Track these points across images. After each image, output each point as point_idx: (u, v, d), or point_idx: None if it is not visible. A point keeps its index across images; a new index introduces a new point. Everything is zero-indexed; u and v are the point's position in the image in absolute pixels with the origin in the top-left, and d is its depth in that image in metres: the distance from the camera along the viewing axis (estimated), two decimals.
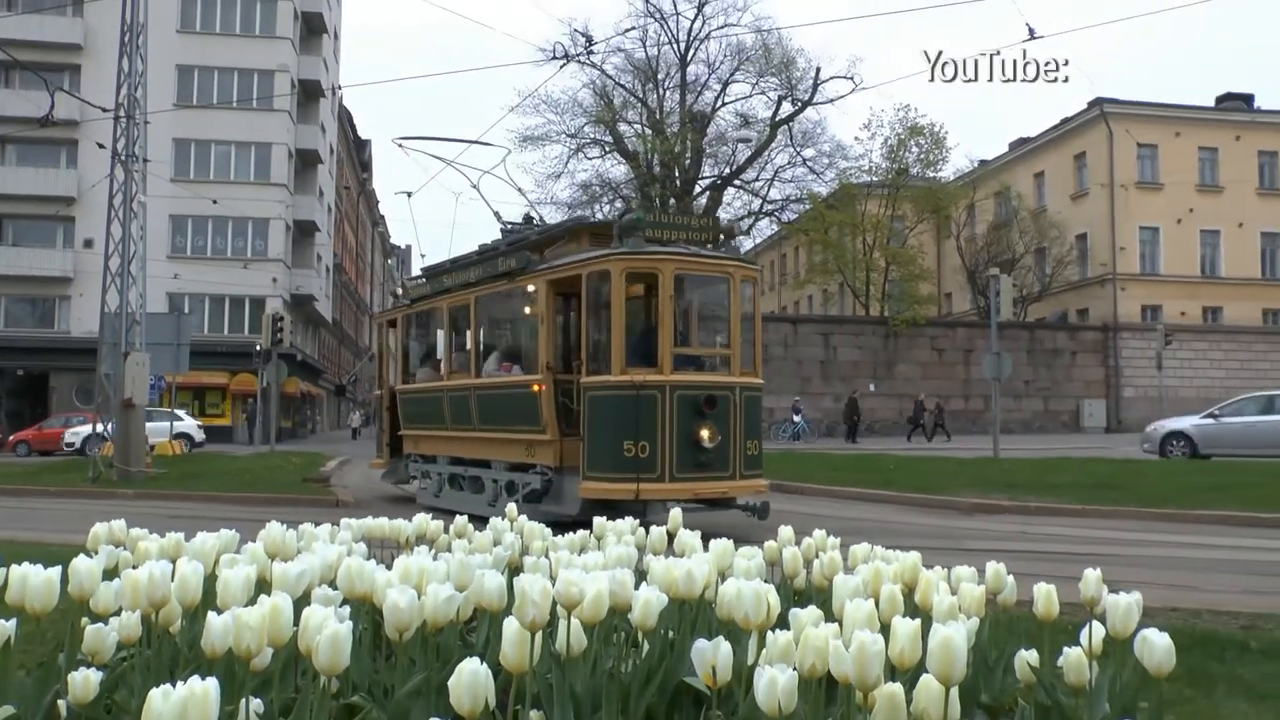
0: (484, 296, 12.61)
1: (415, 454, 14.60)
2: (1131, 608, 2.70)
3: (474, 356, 12.59)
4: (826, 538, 3.61)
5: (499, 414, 11.78)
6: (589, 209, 41.98)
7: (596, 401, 10.08)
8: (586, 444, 10.11)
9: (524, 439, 11.21)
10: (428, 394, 13.87)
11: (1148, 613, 2.78)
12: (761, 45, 40.54)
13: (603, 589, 2.51)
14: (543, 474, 10.92)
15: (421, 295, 14.55)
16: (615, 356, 10.02)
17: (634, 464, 9.68)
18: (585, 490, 10.04)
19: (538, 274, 11.15)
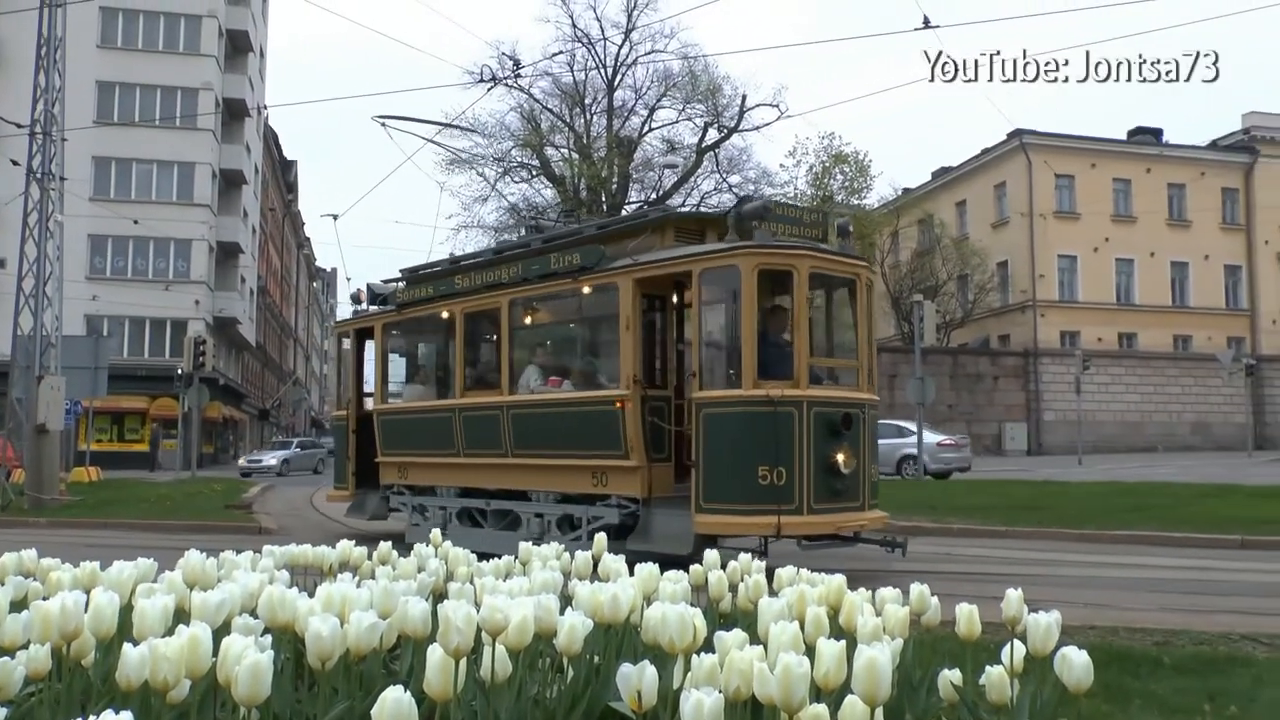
0: (523, 299, 10.97)
1: (399, 485, 12.62)
2: (1051, 627, 2.76)
3: (505, 370, 10.79)
4: (752, 561, 3.64)
5: (550, 436, 10.21)
6: (515, 233, 41.96)
7: (718, 420, 8.66)
8: (703, 470, 8.65)
9: (591, 465, 9.69)
10: (426, 415, 12.15)
11: (1067, 631, 2.85)
12: (688, 72, 40.95)
13: (528, 615, 2.50)
14: (622, 506, 9.44)
15: (415, 299, 12.42)
16: (747, 367, 8.60)
17: (771, 493, 8.32)
18: (703, 525, 8.62)
19: (619, 271, 9.59)
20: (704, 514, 8.61)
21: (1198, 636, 5.86)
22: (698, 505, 8.64)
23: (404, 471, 12.53)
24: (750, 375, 8.58)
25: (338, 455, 14.37)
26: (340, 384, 14.82)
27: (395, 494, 12.74)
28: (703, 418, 8.72)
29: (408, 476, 12.47)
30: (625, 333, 9.45)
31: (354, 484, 13.60)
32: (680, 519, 8.92)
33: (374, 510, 13.11)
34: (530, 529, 10.33)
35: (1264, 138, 50.30)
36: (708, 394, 8.86)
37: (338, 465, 14.34)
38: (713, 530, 8.61)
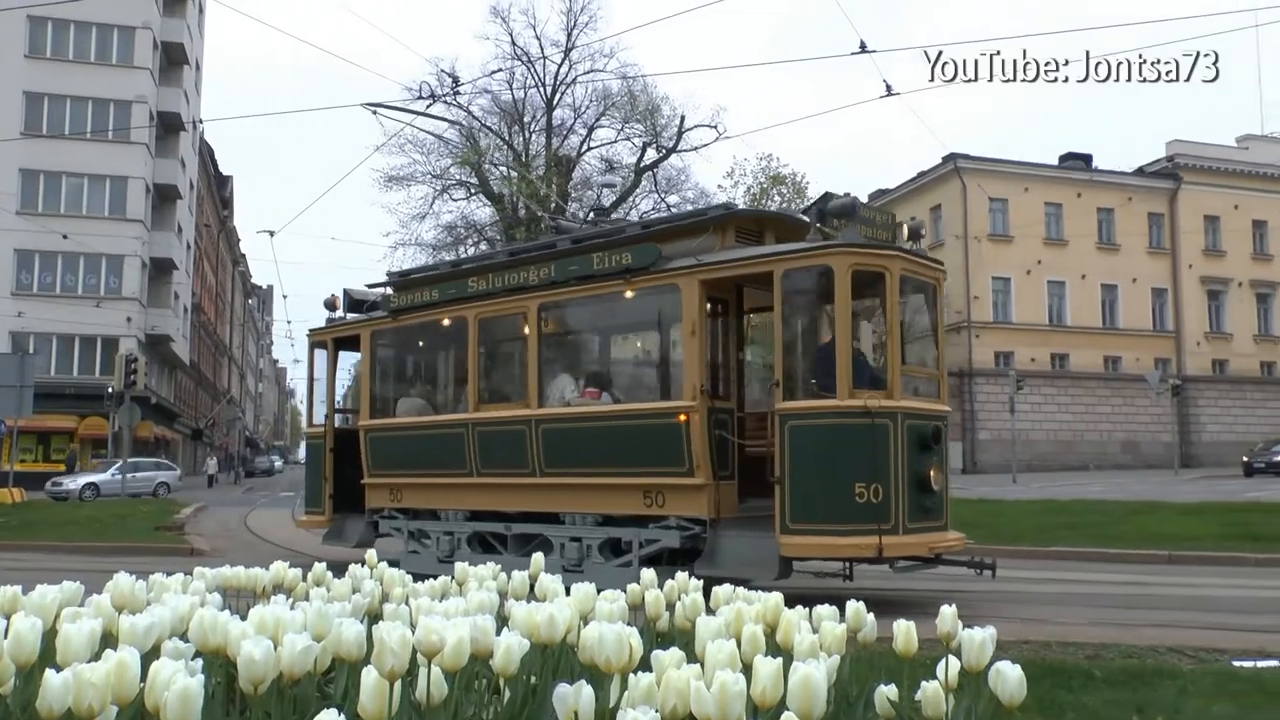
0: (557, 303, 10.19)
1: (391, 509, 11.52)
2: (986, 642, 2.80)
3: (533, 381, 9.95)
4: (689, 579, 3.66)
5: (592, 453, 9.40)
6: (454, 251, 41.82)
7: (808, 433, 8.04)
8: (790, 487, 7.99)
9: (643, 484, 8.98)
10: (428, 431, 11.17)
11: (1001, 646, 2.90)
12: (627, 92, 41.20)
13: (464, 636, 2.48)
14: (683, 528, 8.73)
15: (414, 304, 11.38)
16: (842, 376, 8.03)
17: (869, 512, 7.77)
18: (791, 547, 8.01)
19: (681, 272, 8.89)
20: (791, 535, 7.95)
21: (1127, 650, 6.02)
22: (783, 526, 7.97)
23: (397, 494, 11.46)
24: (845, 384, 8.02)
25: (312, 476, 12.93)
26: (315, 398, 13.43)
27: (386, 518, 11.59)
28: (789, 431, 8.07)
29: (402, 499, 11.42)
30: (689, 339, 8.79)
31: (331, 508, 12.35)
32: (760, 542, 8.26)
33: (360, 537, 11.78)
34: (565, 555, 9.43)
35: (1186, 165, 51.82)
36: (795, 405, 8.20)
37: (311, 487, 12.95)
38: (803, 553, 8.12)
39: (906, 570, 8.43)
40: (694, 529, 8.67)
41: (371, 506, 11.77)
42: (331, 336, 12.65)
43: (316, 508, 12.63)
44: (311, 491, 12.88)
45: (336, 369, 12.64)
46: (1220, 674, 5.33)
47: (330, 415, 12.58)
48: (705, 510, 8.59)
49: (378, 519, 11.71)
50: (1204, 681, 5.12)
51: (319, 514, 12.55)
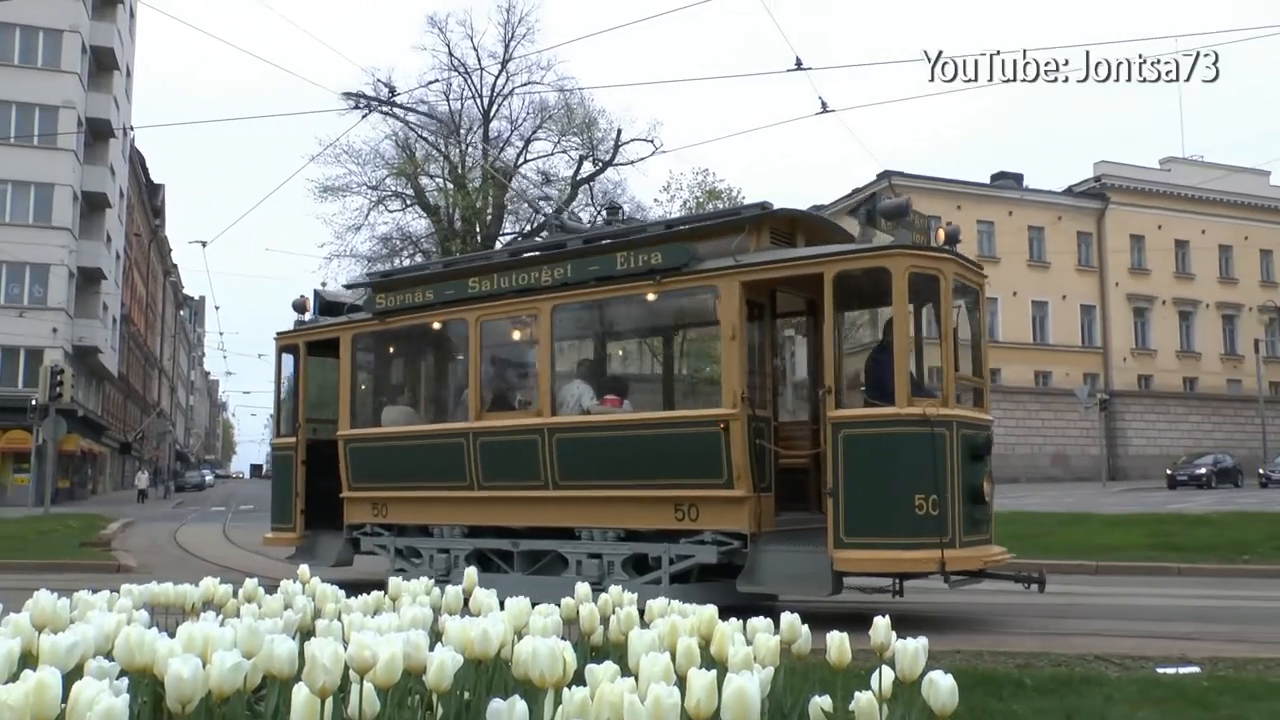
0: (574, 304, 9.69)
1: (375, 525, 10.76)
2: (918, 652, 2.84)
3: (546, 387, 9.40)
4: (623, 593, 3.67)
5: (615, 464, 8.91)
6: (389, 263, 41.51)
7: (865, 442, 7.72)
8: (845, 499, 7.65)
9: (674, 496, 8.52)
10: (420, 441, 10.51)
11: (934, 655, 2.95)
12: (564, 105, 41.22)
13: (396, 652, 2.46)
14: (720, 543, 8.31)
15: (403, 305, 10.62)
16: (900, 383, 7.72)
17: (929, 525, 7.48)
18: (846, 562, 7.67)
19: (720, 273, 8.49)
20: (846, 549, 7.61)
21: (1056, 658, 6.12)
22: (837, 540, 7.63)
23: (381, 509, 10.69)
24: (904, 391, 7.71)
25: (278, 490, 12.03)
26: (283, 406, 12.45)
27: (369, 535, 10.82)
28: (843, 440, 7.72)
29: (387, 515, 10.66)
30: (729, 343, 8.38)
31: (303, 524, 11.43)
32: (809, 556, 7.92)
33: (338, 555, 10.94)
34: (583, 572, 8.87)
35: (1113, 186, 53.24)
36: (850, 413, 7.93)
37: (279, 502, 11.94)
38: (859, 568, 7.76)
39: (959, 585, 8.12)
40: (732, 544, 8.24)
41: (351, 522, 10.95)
42: (303, 340, 11.71)
43: (285, 524, 11.68)
44: (279, 506, 11.90)
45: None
46: (1145, 681, 5.45)
47: (301, 425, 11.71)
48: (745, 524, 8.15)
49: (358, 536, 10.92)
50: (1129, 689, 5.24)
51: (288, 530, 11.62)
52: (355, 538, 10.94)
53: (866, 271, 8.11)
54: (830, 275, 7.98)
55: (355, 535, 10.93)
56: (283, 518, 11.78)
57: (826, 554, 7.72)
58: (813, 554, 7.90)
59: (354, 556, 11.01)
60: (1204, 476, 40.64)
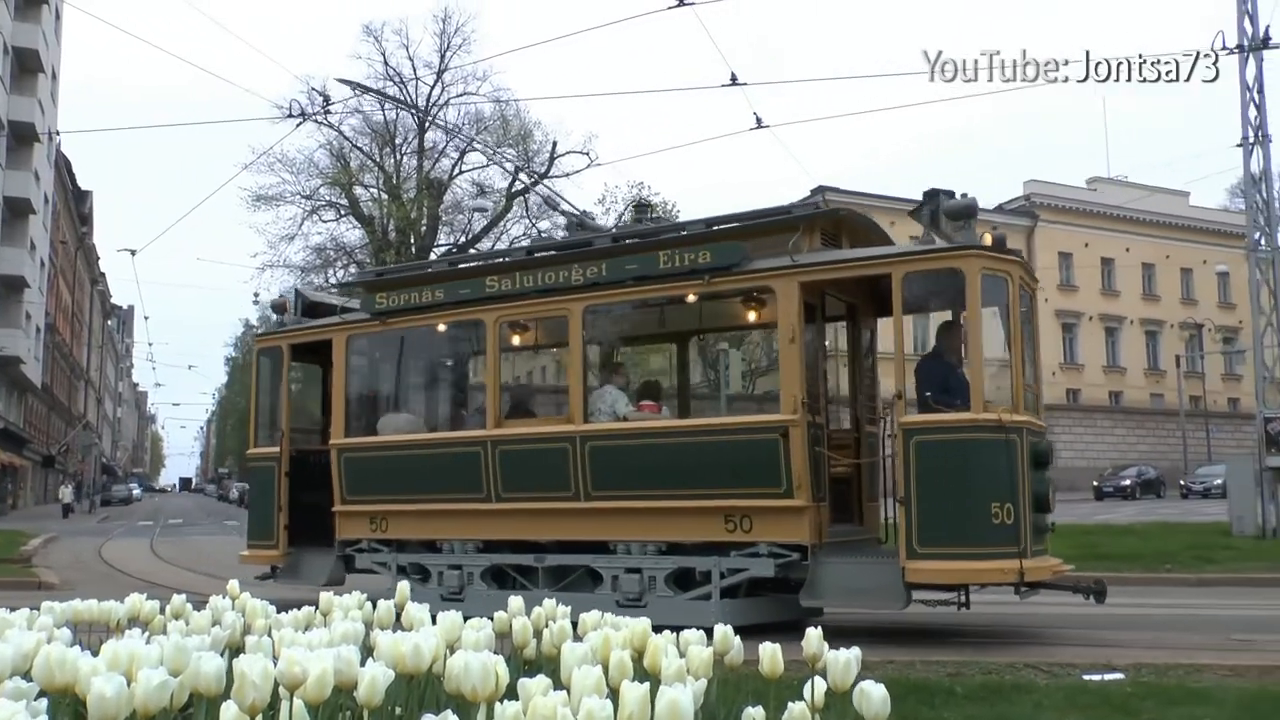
0: (608, 305, 9.18)
1: (373, 540, 10.05)
2: (851, 662, 2.88)
3: (578, 393, 8.92)
4: (556, 606, 3.67)
5: (658, 474, 8.45)
6: (322, 274, 41.02)
7: (939, 449, 7.48)
8: (918, 508, 7.39)
9: (725, 506, 8.12)
10: (431, 450, 9.87)
11: (866, 665, 2.99)
12: (500, 116, 41.16)
13: (327, 667, 2.44)
14: (777, 555, 7.96)
15: (410, 305, 9.93)
16: (975, 388, 7.56)
17: (1006, 534, 7.26)
18: (920, 573, 7.40)
19: (777, 273, 8.12)
20: (920, 560, 7.35)
21: (986, 666, 6.23)
22: (910, 550, 7.37)
23: (380, 523, 9.98)
24: (980, 396, 7.53)
25: (257, 504, 11.18)
26: (262, 413, 11.58)
27: (367, 551, 10.08)
28: (915, 446, 7.48)
29: (387, 530, 9.96)
30: (788, 346, 8.04)
31: (286, 541, 10.60)
32: (878, 568, 7.71)
33: (331, 574, 10.14)
34: (621, 588, 8.44)
35: (1042, 204, 54.47)
36: (923, 419, 7.67)
37: (256, 516, 11.15)
38: (934, 579, 7.49)
39: (1026, 596, 7.89)
40: (790, 556, 7.90)
41: (344, 538, 10.20)
42: (287, 343, 10.91)
43: (266, 540, 10.79)
44: (258, 522, 11.07)
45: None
46: (1071, 688, 5.57)
47: (285, 433, 10.85)
48: (806, 535, 7.82)
49: (352, 553, 10.19)
50: (1057, 695, 5.36)
51: (269, 547, 10.72)
52: (348, 555, 10.24)
53: (936, 273, 7.87)
54: (899, 276, 7.72)
55: (348, 552, 10.22)
56: (262, 534, 10.92)
57: (897, 565, 7.46)
58: (879, 566, 7.71)
59: (346, 575, 10.27)
60: (1129, 488, 41.74)
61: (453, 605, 8.31)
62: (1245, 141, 17.74)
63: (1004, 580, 7.39)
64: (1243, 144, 17.76)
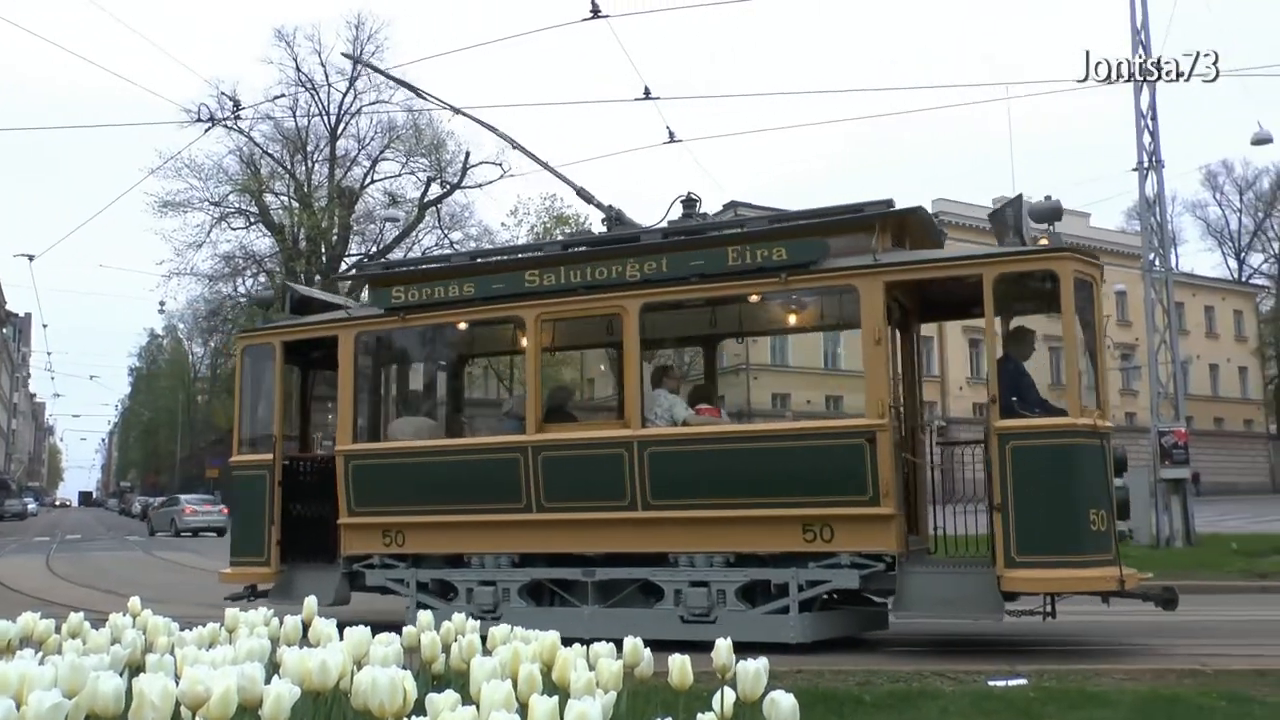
0: (668, 303, 8.80)
1: (386, 555, 9.28)
2: (760, 672, 2.91)
3: (634, 395, 8.44)
4: (466, 621, 3.65)
5: (727, 481, 8.03)
6: (231, 282, 40.20)
7: (1037, 454, 7.30)
8: (1017, 515, 7.18)
9: (804, 515, 7.77)
10: (460, 457, 9.21)
11: (775, 676, 3.03)
12: (413, 125, 40.88)
13: (231, 685, 2.39)
14: (860, 565, 7.69)
15: (435, 300, 9.21)
16: (1072, 391, 7.42)
17: (1103, 541, 7.15)
18: (1017, 582, 7.24)
19: (861, 272, 7.84)
20: (1019, 569, 7.14)
21: (894, 675, 6.34)
22: (1007, 559, 7.17)
23: (395, 536, 9.21)
24: (1077, 400, 7.38)
25: (248, 517, 10.11)
26: (247, 417, 10.49)
27: (379, 568, 9.30)
28: (1012, 452, 7.29)
29: (404, 543, 9.19)
30: (874, 348, 7.81)
31: (279, 557, 9.62)
32: (972, 578, 7.50)
33: (337, 593, 9.28)
34: (688, 602, 7.99)
35: (949, 222, 55.77)
36: (1020, 423, 7.47)
37: (242, 530, 10.15)
38: (1033, 588, 7.35)
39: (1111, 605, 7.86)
40: (874, 566, 7.65)
41: (351, 553, 9.39)
42: (280, 340, 9.91)
43: (255, 556, 9.76)
44: (245, 536, 10.04)
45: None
46: (977, 694, 5.71)
47: (278, 439, 9.90)
48: (893, 544, 7.58)
49: (360, 569, 9.38)
50: (963, 701, 5.50)
51: (259, 564, 9.72)
52: (355, 571, 9.41)
53: (1029, 275, 7.76)
54: (991, 277, 7.52)
55: (356, 569, 9.39)
56: (249, 549, 9.86)
57: (992, 574, 7.29)
58: (975, 575, 7.49)
59: (351, 593, 9.48)
60: None
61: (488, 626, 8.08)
62: (1140, 166, 18.44)
63: (1105, 589, 7.26)
64: (1138, 169, 18.46)
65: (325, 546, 9.62)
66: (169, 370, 78.52)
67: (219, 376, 57.97)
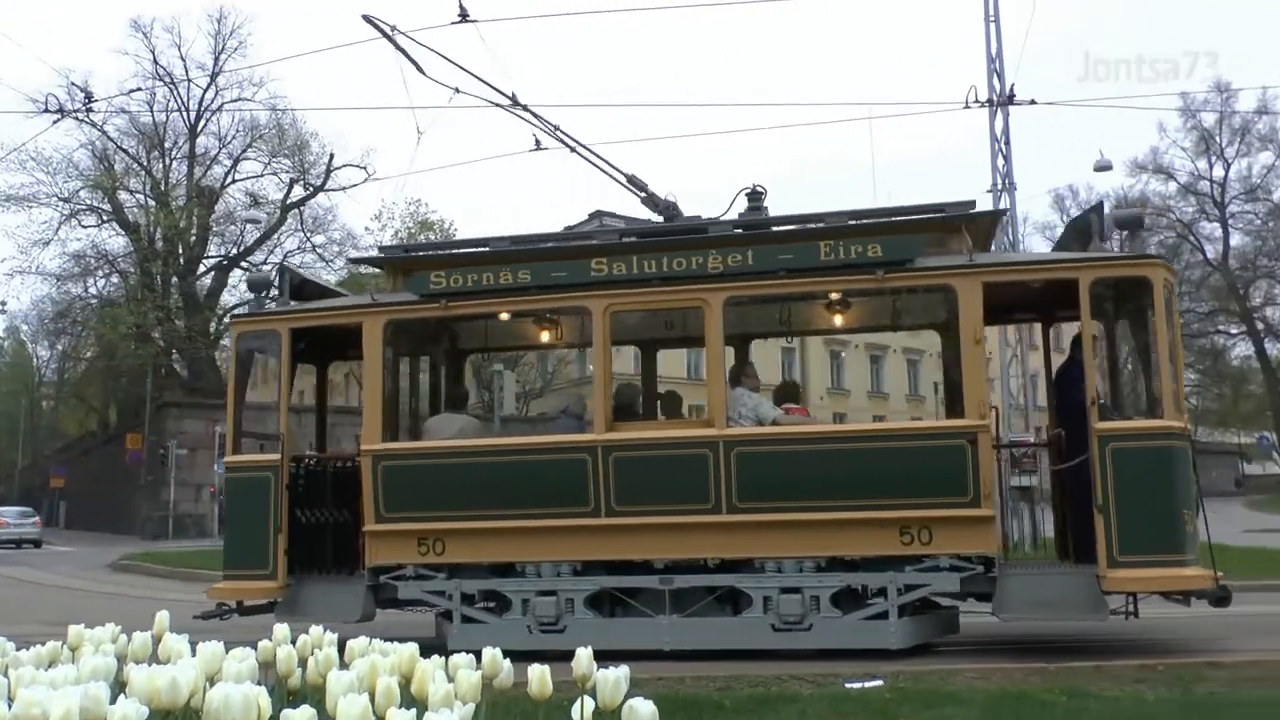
0: (755, 298, 8.60)
1: (421, 566, 8.49)
2: (619, 680, 2.94)
3: (718, 392, 8.17)
4: (324, 634, 3.58)
5: (823, 482, 7.79)
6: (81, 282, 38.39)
7: (1137, 456, 7.36)
8: (1118, 516, 7.23)
9: (902, 518, 7.62)
10: (519, 457, 8.55)
11: (636, 683, 3.06)
12: (276, 124, 39.88)
13: (73, 706, 2.29)
14: (960, 568, 7.62)
15: (483, 288, 8.52)
16: (1168, 394, 7.59)
17: (1194, 541, 7.34)
18: (1119, 582, 7.29)
19: (957, 272, 7.80)
20: (1122, 569, 7.21)
21: (754, 680, 6.47)
22: (1110, 559, 7.22)
23: (434, 544, 8.43)
24: (1172, 402, 7.56)
25: (248, 524, 8.93)
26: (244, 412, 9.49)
27: (412, 579, 8.52)
28: (1112, 453, 7.34)
29: (444, 552, 8.41)
30: (973, 348, 7.75)
31: (284, 569, 8.60)
32: (1073, 579, 7.60)
33: (363, 608, 8.51)
34: (780, 609, 7.72)
35: None
36: (1119, 425, 7.60)
37: (245, 540, 8.94)
38: (1135, 588, 7.44)
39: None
40: (972, 569, 7.59)
41: (379, 563, 8.56)
42: (289, 327, 8.89)
43: (255, 569, 8.71)
44: (244, 546, 8.91)
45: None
46: (834, 696, 5.88)
47: (286, 438, 8.90)
48: (993, 546, 7.60)
49: (388, 581, 8.56)
50: (820, 704, 5.64)
51: (261, 578, 8.64)
52: (380, 583, 8.59)
53: (1121, 280, 7.91)
54: (1087, 281, 7.57)
55: (384, 580, 8.57)
56: (250, 561, 8.78)
57: (1092, 575, 7.38)
58: (1076, 576, 7.59)
59: (376, 609, 8.70)
60: None
61: (548, 641, 7.78)
62: (994, 189, 19.27)
63: (1202, 587, 7.30)
64: (992, 190, 19.28)
65: (347, 556, 8.96)
66: (10, 374, 74.49)
67: (67, 381, 55.28)
